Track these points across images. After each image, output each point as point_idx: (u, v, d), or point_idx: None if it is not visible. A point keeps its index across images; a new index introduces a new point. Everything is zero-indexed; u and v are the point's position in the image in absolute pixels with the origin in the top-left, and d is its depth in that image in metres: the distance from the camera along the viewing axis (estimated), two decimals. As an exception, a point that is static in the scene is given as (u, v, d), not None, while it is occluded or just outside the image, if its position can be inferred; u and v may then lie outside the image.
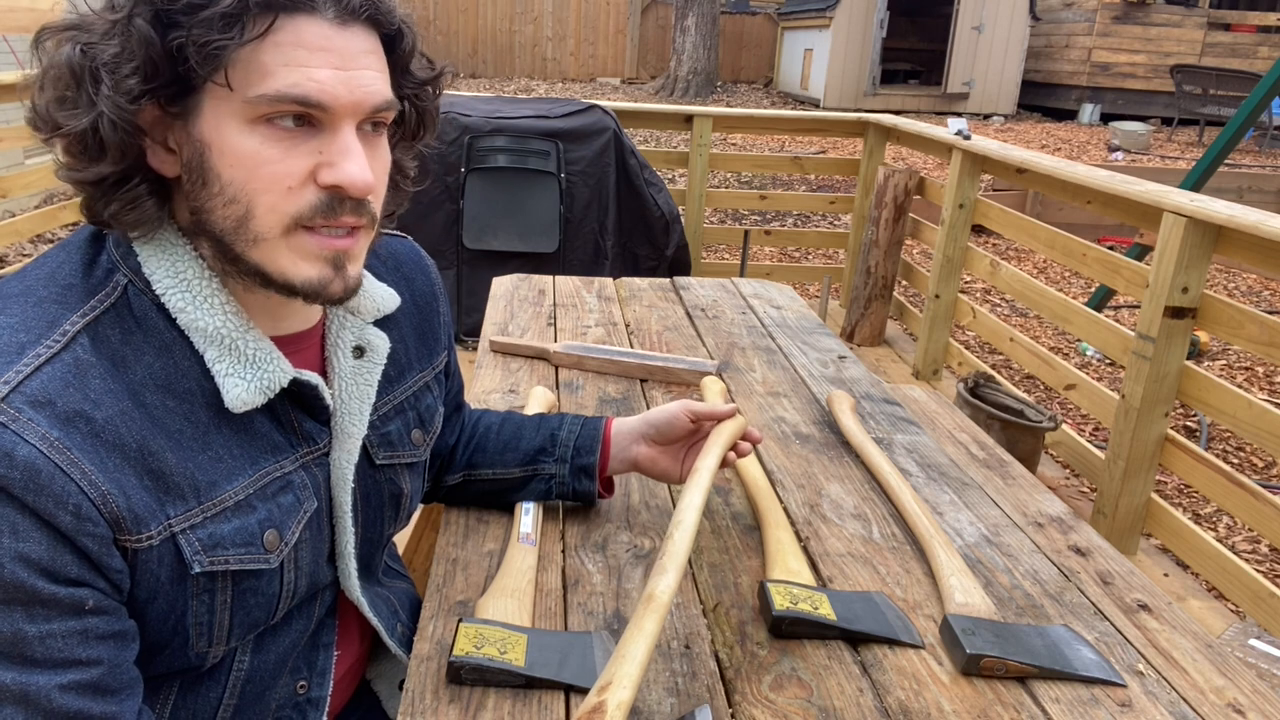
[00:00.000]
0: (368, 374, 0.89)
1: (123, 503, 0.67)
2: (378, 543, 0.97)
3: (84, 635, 0.66)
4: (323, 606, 0.91)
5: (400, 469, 0.95)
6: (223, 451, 0.75)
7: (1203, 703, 0.94)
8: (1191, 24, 12.06)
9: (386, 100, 0.74)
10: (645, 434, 1.13)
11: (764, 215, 7.05)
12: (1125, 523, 2.57)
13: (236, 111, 0.68)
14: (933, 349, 3.86)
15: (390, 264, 0.98)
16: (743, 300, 2.27)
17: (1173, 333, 2.43)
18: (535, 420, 1.20)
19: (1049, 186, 3.30)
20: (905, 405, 1.70)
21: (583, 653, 0.93)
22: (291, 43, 0.68)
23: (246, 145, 0.69)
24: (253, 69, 0.67)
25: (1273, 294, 5.96)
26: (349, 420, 0.87)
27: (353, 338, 0.88)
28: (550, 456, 1.15)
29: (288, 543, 0.80)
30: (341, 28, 0.70)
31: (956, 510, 1.31)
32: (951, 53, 12.45)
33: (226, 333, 0.75)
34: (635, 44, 15.07)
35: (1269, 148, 10.36)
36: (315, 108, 0.69)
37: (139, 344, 0.72)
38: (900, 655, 0.99)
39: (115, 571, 0.68)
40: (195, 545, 0.72)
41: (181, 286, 0.73)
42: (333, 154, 0.71)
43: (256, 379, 0.76)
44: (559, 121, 3.87)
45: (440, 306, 1.04)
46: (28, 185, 4.25)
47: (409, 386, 0.97)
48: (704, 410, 1.10)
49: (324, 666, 0.93)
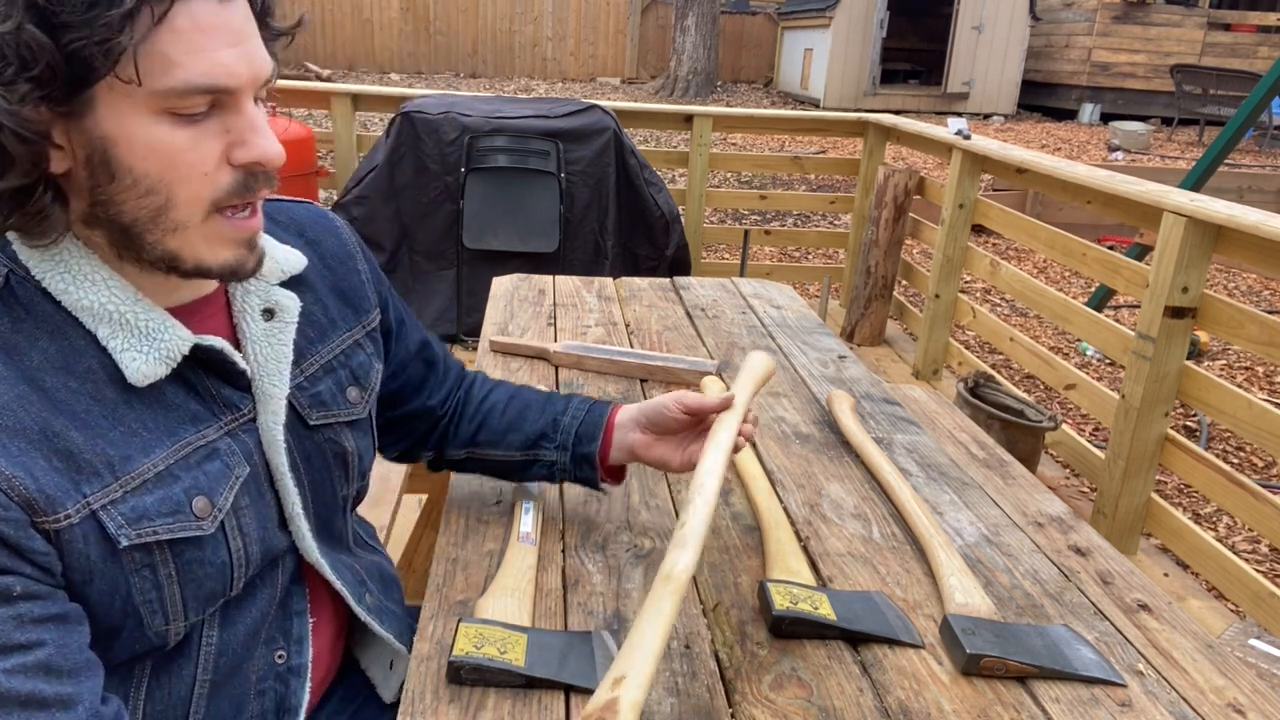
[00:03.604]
0: (280, 334, 0.88)
1: (31, 485, 0.67)
2: (333, 505, 0.96)
3: (18, 620, 0.66)
4: (285, 573, 0.91)
5: (339, 428, 0.95)
6: (136, 425, 0.75)
7: (1203, 703, 0.94)
8: (1191, 24, 12.06)
9: (274, 67, 0.75)
10: (639, 421, 1.12)
11: (764, 215, 7.05)
12: (1125, 523, 2.57)
13: (141, 104, 0.68)
14: (933, 349, 3.86)
15: (292, 229, 0.98)
16: (743, 300, 2.27)
17: (1173, 333, 2.43)
18: (542, 401, 1.18)
19: (1049, 186, 3.30)
20: (905, 405, 1.70)
21: (583, 653, 0.93)
22: (188, 28, 0.68)
23: (156, 136, 0.69)
24: (155, 61, 0.67)
25: (1273, 294, 5.96)
26: (268, 382, 0.86)
27: (259, 301, 0.88)
28: (551, 443, 1.14)
29: (220, 509, 0.79)
30: (226, 3, 0.70)
31: (956, 510, 1.31)
32: (951, 53, 12.46)
33: (113, 308, 0.74)
34: (635, 44, 15.08)
35: (1269, 148, 10.36)
36: (224, 93, 0.70)
37: (30, 330, 0.72)
38: (900, 655, 0.99)
39: (39, 554, 0.68)
40: (118, 520, 0.72)
41: (60, 269, 0.73)
42: (242, 131, 0.72)
43: (153, 350, 0.75)
44: (559, 121, 3.87)
45: (359, 265, 1.02)
46: None
47: (335, 346, 0.96)
48: (695, 402, 1.07)
49: (300, 634, 0.93)
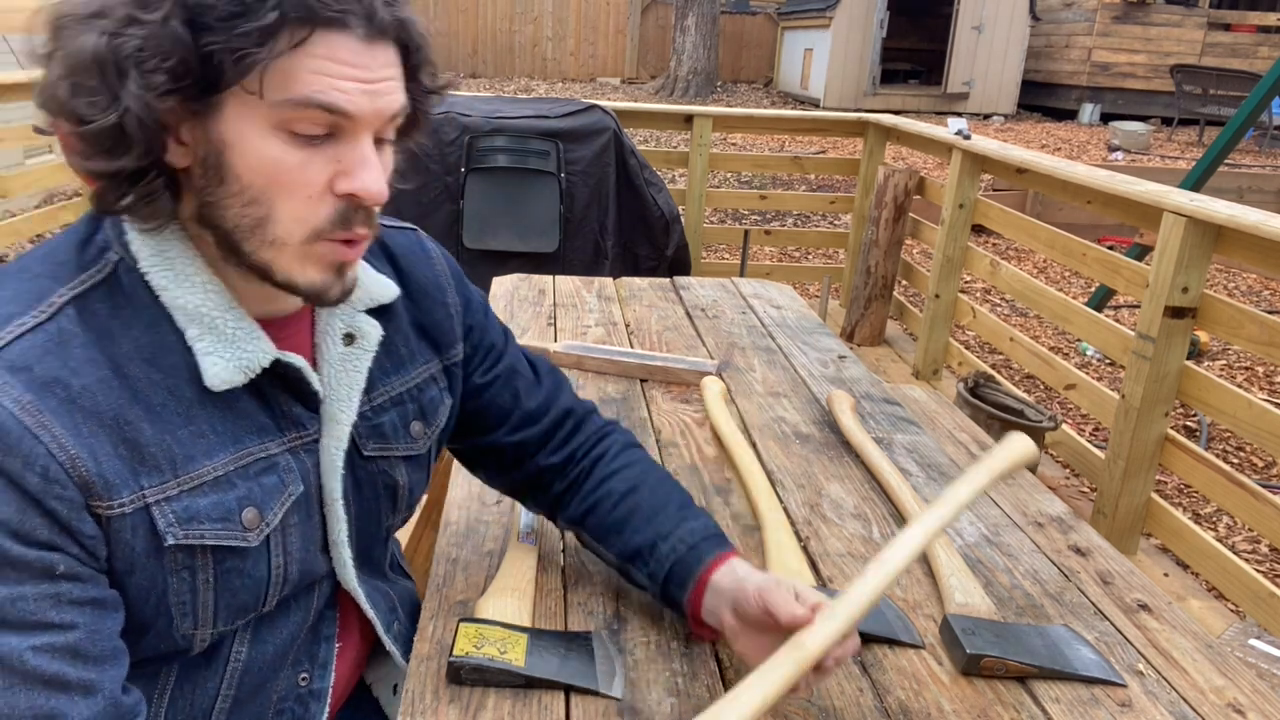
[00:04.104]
0: (357, 361, 0.88)
1: (93, 467, 0.68)
2: (375, 534, 0.96)
3: (56, 599, 0.67)
4: (321, 598, 0.91)
5: (394, 461, 0.94)
6: (205, 427, 0.76)
7: (1203, 703, 0.94)
8: (1191, 24, 12.06)
9: (402, 108, 0.76)
10: (734, 598, 0.91)
11: (764, 215, 7.04)
12: (1125, 523, 2.57)
13: (261, 116, 0.70)
14: (933, 349, 3.86)
15: (386, 256, 0.97)
16: (743, 300, 2.27)
17: (1173, 333, 2.43)
18: (655, 507, 1.02)
19: (1049, 186, 3.30)
20: (905, 405, 1.70)
21: (583, 653, 0.93)
22: (322, 55, 0.69)
23: (269, 150, 0.70)
24: (280, 77, 0.69)
25: (1273, 294, 5.96)
26: (337, 407, 0.86)
27: (343, 324, 0.88)
28: (645, 567, 0.99)
29: (269, 523, 0.80)
30: (369, 45, 0.71)
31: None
32: (951, 53, 12.45)
33: (205, 311, 0.75)
34: (635, 44, 15.07)
35: (1269, 148, 10.35)
36: (340, 115, 0.71)
37: (127, 318, 0.73)
38: (900, 655, 0.99)
39: (87, 537, 0.69)
40: (169, 517, 0.73)
41: (165, 265, 0.75)
42: (351, 163, 0.73)
43: (236, 358, 0.76)
44: (559, 121, 3.87)
45: (449, 298, 1.00)
46: (28, 185, 4.25)
47: (408, 379, 0.95)
48: (782, 607, 0.84)
49: (326, 658, 0.93)
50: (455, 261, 1.05)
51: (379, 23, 0.71)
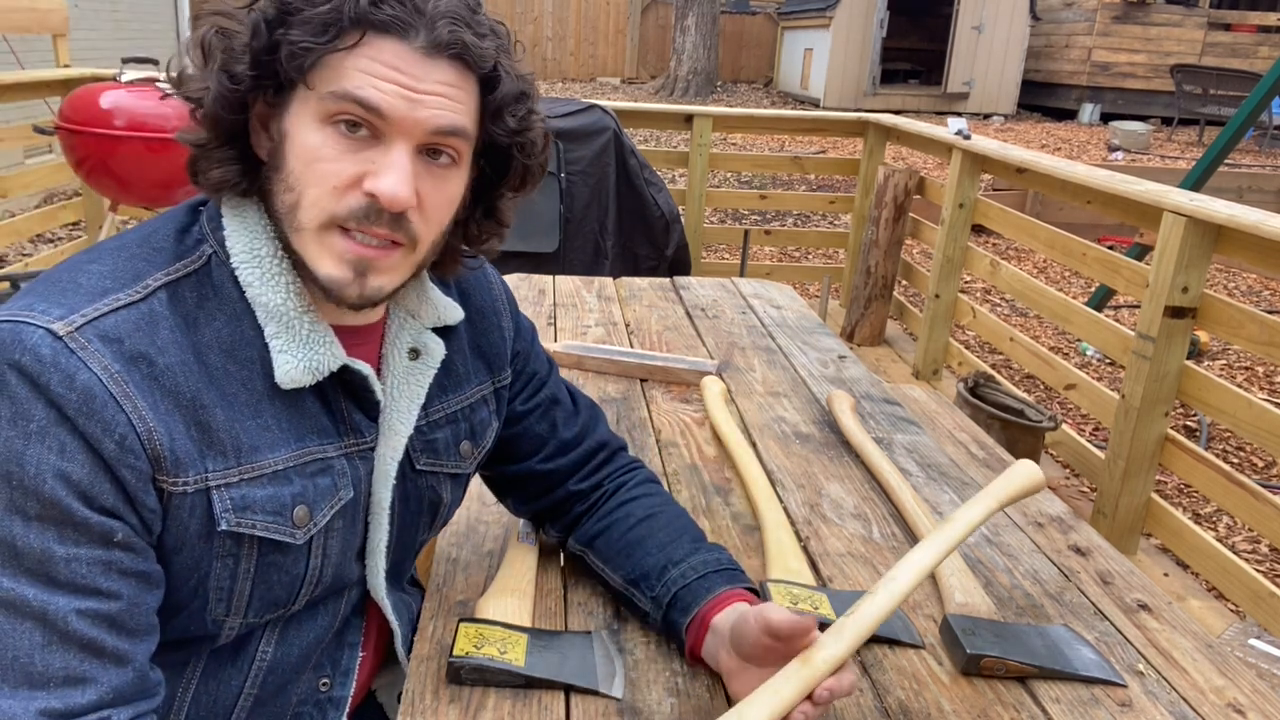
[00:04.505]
0: (420, 375, 0.91)
1: (166, 443, 0.71)
2: (410, 547, 0.98)
3: (108, 566, 0.69)
4: (349, 604, 0.93)
5: (442, 478, 0.96)
6: (271, 422, 0.79)
7: (1203, 703, 0.94)
8: (1191, 24, 12.06)
9: (451, 126, 0.76)
10: (731, 637, 0.88)
11: (764, 215, 7.04)
12: (1125, 523, 2.57)
13: (311, 109, 0.75)
14: (933, 349, 3.86)
15: (449, 279, 0.99)
16: (743, 300, 2.27)
17: (1173, 332, 2.43)
18: (671, 533, 1.03)
19: (1049, 186, 3.30)
20: (905, 405, 1.70)
21: (583, 653, 0.93)
22: (371, 56, 0.74)
23: (312, 139, 0.75)
24: (331, 71, 0.74)
25: (1273, 294, 5.96)
26: (396, 418, 0.89)
27: (410, 339, 0.91)
28: (649, 591, 0.98)
29: (317, 523, 0.82)
30: (426, 58, 0.75)
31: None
32: (951, 53, 12.45)
33: (285, 310, 0.79)
34: (635, 44, 15.07)
35: (1269, 148, 10.36)
36: (373, 113, 0.73)
37: (212, 309, 0.77)
38: (900, 655, 0.99)
39: (148, 510, 0.71)
40: (226, 502, 0.75)
41: (254, 263, 0.78)
42: (381, 165, 0.75)
43: (307, 359, 0.79)
44: (559, 121, 3.87)
45: (503, 321, 1.03)
46: (27, 185, 4.25)
47: (464, 399, 0.97)
48: (784, 625, 0.80)
49: (348, 666, 0.94)
50: (510, 289, 1.07)
51: (438, 37, 0.74)
